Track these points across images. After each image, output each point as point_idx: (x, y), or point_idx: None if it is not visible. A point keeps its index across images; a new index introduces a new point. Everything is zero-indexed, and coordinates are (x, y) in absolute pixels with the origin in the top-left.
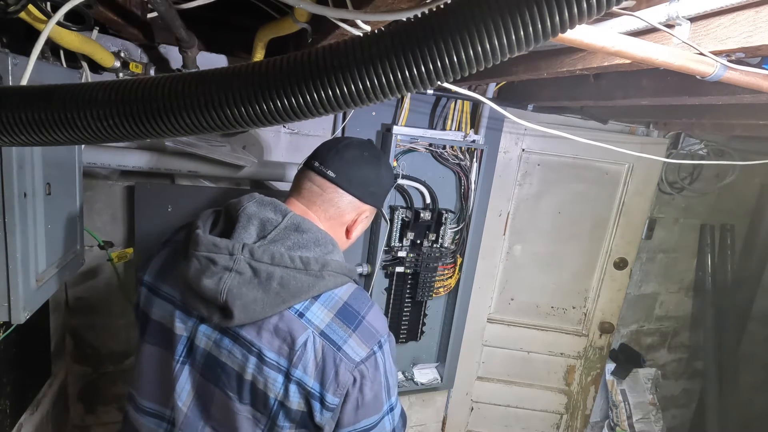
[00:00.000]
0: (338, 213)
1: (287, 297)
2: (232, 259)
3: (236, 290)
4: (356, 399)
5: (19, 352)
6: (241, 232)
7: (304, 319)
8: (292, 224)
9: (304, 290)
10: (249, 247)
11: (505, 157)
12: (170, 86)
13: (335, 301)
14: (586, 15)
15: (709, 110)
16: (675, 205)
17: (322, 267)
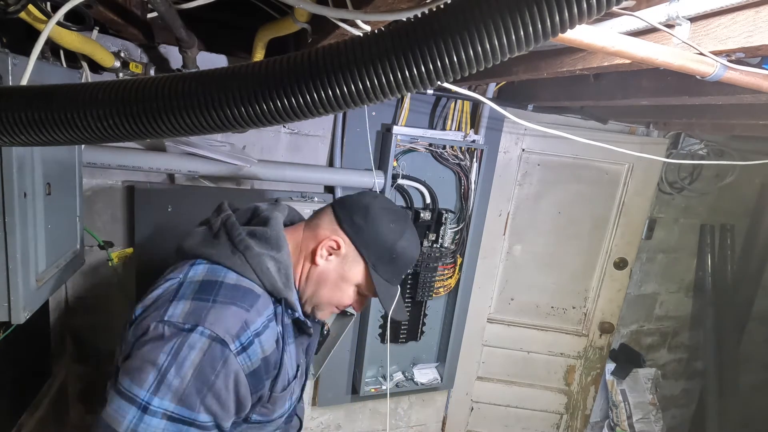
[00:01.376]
0: (316, 224)
1: (201, 251)
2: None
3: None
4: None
5: (19, 352)
6: (242, 211)
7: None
8: (265, 218)
9: (213, 255)
10: (230, 217)
11: (505, 157)
12: (170, 86)
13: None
14: (586, 15)
15: (709, 110)
16: (675, 205)
17: (247, 257)
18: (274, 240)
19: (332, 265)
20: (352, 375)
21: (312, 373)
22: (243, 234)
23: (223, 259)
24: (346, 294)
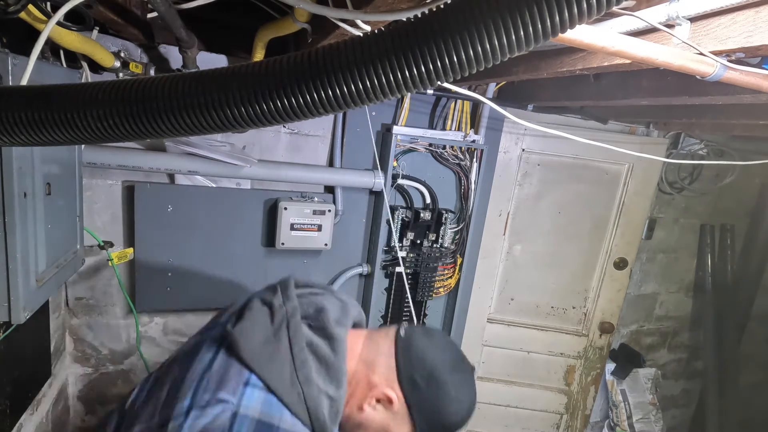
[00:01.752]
0: (372, 362)
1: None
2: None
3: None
4: None
5: (19, 352)
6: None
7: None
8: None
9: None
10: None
11: (505, 157)
12: (170, 86)
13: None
14: (586, 15)
15: (709, 110)
16: (675, 205)
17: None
18: (335, 372)
19: (378, 416)
20: None
21: None
22: (305, 352)
23: (280, 391)
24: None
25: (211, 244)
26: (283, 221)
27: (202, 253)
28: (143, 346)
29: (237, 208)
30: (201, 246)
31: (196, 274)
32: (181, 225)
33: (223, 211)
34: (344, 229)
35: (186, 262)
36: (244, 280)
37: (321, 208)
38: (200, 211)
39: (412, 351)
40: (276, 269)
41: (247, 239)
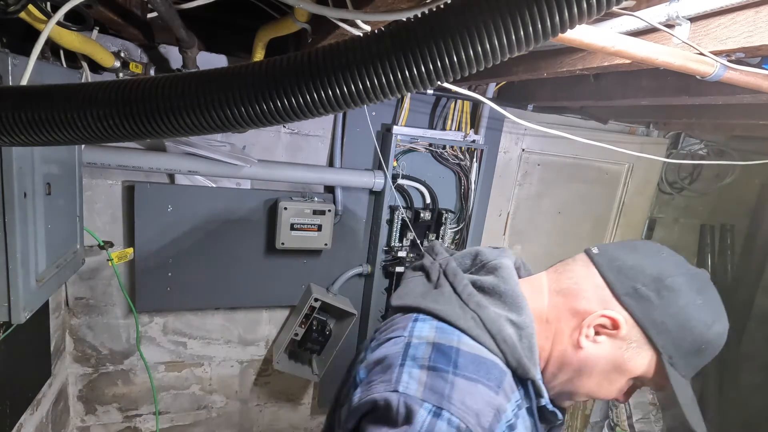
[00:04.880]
0: (571, 290)
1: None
2: (430, 262)
3: (412, 284)
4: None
5: (19, 352)
6: (463, 255)
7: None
8: (493, 266)
9: (439, 310)
10: (448, 260)
11: (505, 157)
12: (170, 86)
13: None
14: (586, 15)
15: (709, 110)
16: (675, 205)
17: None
18: (511, 297)
19: (603, 350)
20: None
21: (316, 374)
22: (470, 288)
23: (452, 317)
24: (616, 386)
25: (211, 244)
26: (283, 221)
27: (202, 253)
28: (143, 346)
29: (237, 208)
30: (201, 246)
31: (196, 274)
32: (181, 225)
33: (223, 211)
34: (344, 229)
35: (186, 262)
36: (244, 280)
37: (321, 208)
38: (200, 211)
39: (621, 261)
40: (276, 269)
41: (247, 239)
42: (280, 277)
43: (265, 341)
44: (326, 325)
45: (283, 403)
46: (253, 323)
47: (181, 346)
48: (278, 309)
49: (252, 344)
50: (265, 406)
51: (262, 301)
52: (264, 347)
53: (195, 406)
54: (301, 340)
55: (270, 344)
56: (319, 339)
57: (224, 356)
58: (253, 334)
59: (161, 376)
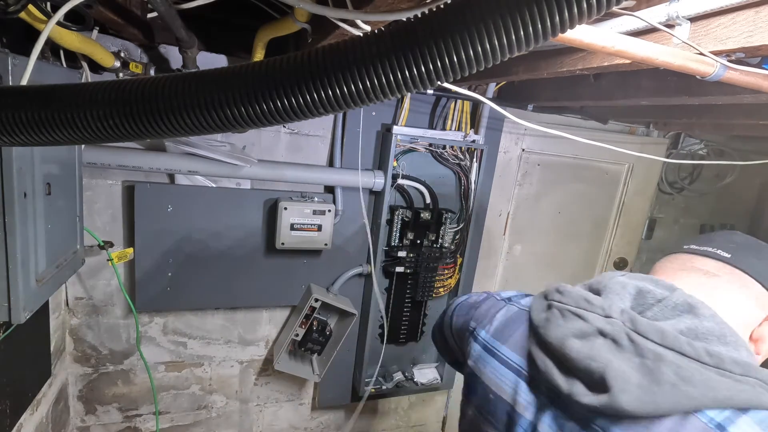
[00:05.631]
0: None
1: (695, 395)
2: (607, 322)
3: (616, 364)
4: None
5: (19, 352)
6: (613, 296)
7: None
8: (684, 303)
9: (721, 394)
10: (629, 314)
11: (505, 157)
12: (170, 86)
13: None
14: (586, 15)
15: (709, 110)
16: (675, 205)
17: (745, 371)
18: (731, 337)
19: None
20: (352, 375)
21: (317, 374)
22: (723, 356)
23: (753, 401)
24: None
25: (211, 244)
26: (283, 221)
27: (202, 253)
28: (143, 346)
29: (237, 208)
30: (201, 246)
31: (196, 274)
32: (181, 225)
33: (223, 211)
34: (344, 229)
35: (186, 262)
36: (244, 280)
37: (321, 208)
38: (200, 211)
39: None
40: (276, 269)
41: (247, 239)
42: (280, 277)
43: (265, 341)
44: (326, 325)
45: (283, 403)
46: (253, 323)
47: (181, 346)
48: (278, 309)
49: (252, 344)
50: (265, 406)
51: (262, 301)
52: (264, 347)
53: (195, 406)
54: (301, 340)
55: (270, 344)
56: (319, 339)
57: (224, 356)
58: (253, 334)
59: (161, 376)
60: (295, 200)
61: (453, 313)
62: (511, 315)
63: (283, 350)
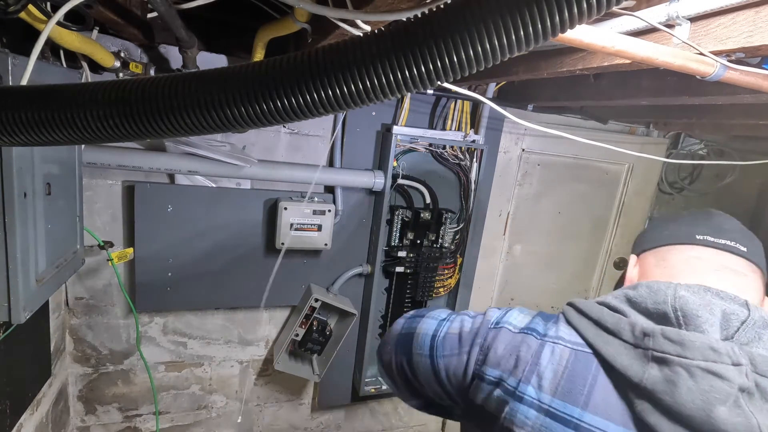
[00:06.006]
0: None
1: None
2: (740, 372)
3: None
4: None
5: (19, 352)
6: (711, 328)
7: None
8: (761, 320)
9: None
10: (747, 351)
11: (505, 157)
12: (170, 86)
13: None
14: (586, 15)
15: (709, 110)
16: (675, 205)
17: None
18: None
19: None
20: (352, 375)
21: (317, 374)
22: None
23: None
24: None
25: (211, 244)
26: (283, 221)
27: (202, 253)
28: (143, 346)
29: (237, 208)
30: (201, 246)
31: (196, 274)
32: (181, 225)
33: (223, 211)
34: (344, 229)
35: (186, 262)
36: (244, 280)
37: (321, 208)
38: (200, 211)
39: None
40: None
41: (247, 239)
42: (280, 277)
43: (265, 341)
44: (326, 325)
45: (283, 403)
46: (253, 323)
47: (181, 346)
48: (278, 309)
49: (252, 344)
50: (265, 406)
51: (262, 301)
52: (264, 347)
53: (195, 406)
54: (301, 340)
55: (270, 344)
56: (319, 339)
57: (224, 356)
58: (253, 334)
59: (161, 376)
60: (295, 200)
61: (434, 350)
62: (567, 361)
63: (283, 350)
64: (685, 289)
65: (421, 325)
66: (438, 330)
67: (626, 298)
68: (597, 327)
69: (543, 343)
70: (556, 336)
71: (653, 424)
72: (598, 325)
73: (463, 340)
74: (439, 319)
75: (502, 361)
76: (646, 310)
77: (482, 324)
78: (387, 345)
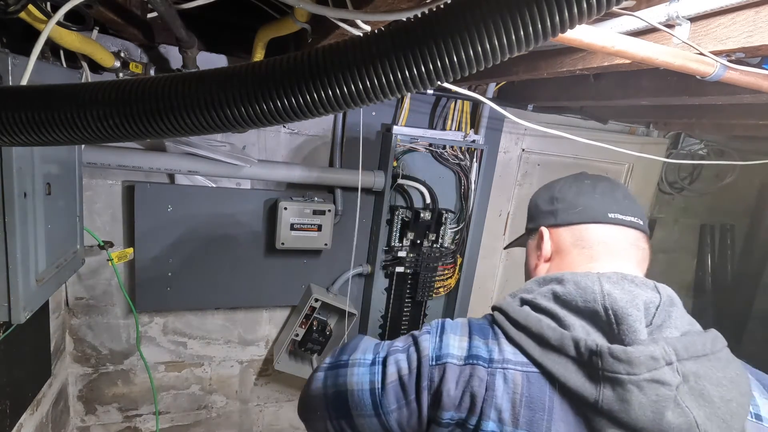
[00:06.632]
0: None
1: (742, 401)
2: (674, 371)
3: (702, 419)
4: None
5: (19, 352)
6: (639, 325)
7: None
8: (668, 298)
9: (744, 384)
10: (665, 339)
11: (505, 157)
12: (170, 86)
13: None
14: (586, 15)
15: (709, 110)
16: (675, 205)
17: (725, 345)
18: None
19: None
20: None
21: None
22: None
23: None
24: None
25: (211, 243)
26: (283, 221)
27: (202, 253)
28: (143, 346)
29: (237, 208)
30: (201, 246)
31: (196, 274)
32: (181, 225)
33: (223, 211)
34: (344, 229)
35: (186, 262)
36: (244, 280)
37: (321, 208)
38: (200, 211)
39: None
40: (276, 269)
41: (247, 239)
42: (280, 277)
43: (265, 341)
44: (326, 325)
45: (283, 403)
46: (253, 323)
47: (181, 346)
48: (278, 309)
49: (252, 344)
50: (265, 406)
51: (262, 301)
52: (264, 347)
53: (195, 406)
54: (301, 340)
55: (270, 344)
56: (319, 339)
57: (224, 356)
58: (253, 334)
59: (161, 376)
60: (295, 200)
61: (380, 408)
62: (522, 387)
63: (283, 350)
64: (609, 283)
65: (350, 378)
66: (373, 381)
67: (554, 295)
68: (540, 344)
69: (493, 371)
70: (503, 360)
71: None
72: (541, 341)
73: (407, 387)
74: (368, 365)
75: (457, 401)
76: (577, 308)
77: (421, 362)
78: (314, 410)
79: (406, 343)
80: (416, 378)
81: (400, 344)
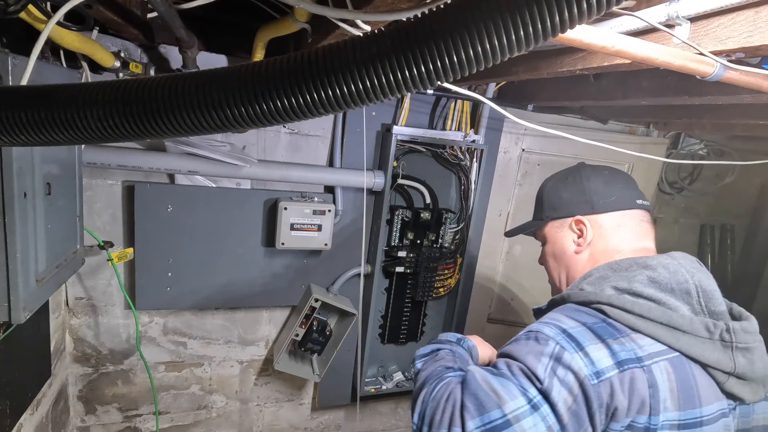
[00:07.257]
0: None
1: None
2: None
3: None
4: None
5: (19, 352)
6: (718, 296)
7: None
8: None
9: None
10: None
11: (505, 157)
12: (170, 86)
13: None
14: (586, 15)
15: (709, 110)
16: (675, 205)
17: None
18: None
19: None
20: (352, 375)
21: (317, 374)
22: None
23: None
24: None
25: (211, 244)
26: (283, 221)
27: (202, 253)
28: (143, 346)
29: (237, 208)
30: (201, 246)
31: (196, 274)
32: (181, 225)
33: (223, 211)
34: (344, 229)
35: (186, 262)
36: (244, 280)
37: (321, 208)
38: (200, 211)
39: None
40: (276, 269)
41: (247, 239)
42: (280, 277)
43: (265, 341)
44: (326, 325)
45: (283, 403)
46: (253, 323)
47: (181, 346)
48: (278, 309)
49: (252, 344)
50: (265, 406)
51: (262, 301)
52: (264, 347)
53: (195, 406)
54: (301, 340)
55: (270, 344)
56: (319, 339)
57: (224, 356)
58: (253, 334)
59: (161, 376)
60: (295, 200)
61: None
62: (672, 374)
63: (283, 350)
64: (687, 265)
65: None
66: (550, 427)
67: (650, 280)
68: (671, 330)
69: (648, 368)
70: (648, 354)
71: (738, 392)
72: (671, 327)
73: (579, 416)
74: (530, 410)
75: (626, 409)
76: (671, 289)
77: (583, 385)
78: None
79: (543, 366)
80: (585, 403)
81: (540, 371)
